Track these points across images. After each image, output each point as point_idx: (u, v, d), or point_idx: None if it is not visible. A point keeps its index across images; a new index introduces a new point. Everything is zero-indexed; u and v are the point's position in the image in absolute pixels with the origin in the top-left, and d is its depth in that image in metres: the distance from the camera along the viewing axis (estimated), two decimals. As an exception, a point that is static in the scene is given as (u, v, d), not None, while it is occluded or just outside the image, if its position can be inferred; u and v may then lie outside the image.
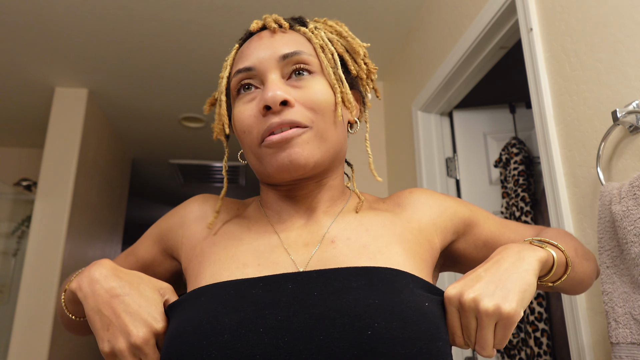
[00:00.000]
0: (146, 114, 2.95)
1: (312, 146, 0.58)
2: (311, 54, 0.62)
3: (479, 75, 1.68)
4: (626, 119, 0.87)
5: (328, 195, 0.65)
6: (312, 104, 0.59)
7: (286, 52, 0.60)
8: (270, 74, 0.60)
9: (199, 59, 2.34)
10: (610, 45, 0.94)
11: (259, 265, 0.58)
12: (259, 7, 1.93)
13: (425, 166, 1.88)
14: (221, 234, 0.65)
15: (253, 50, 0.62)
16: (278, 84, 0.58)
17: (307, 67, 0.61)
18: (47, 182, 2.44)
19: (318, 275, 0.54)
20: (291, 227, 0.63)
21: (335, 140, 0.61)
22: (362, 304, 0.50)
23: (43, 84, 2.55)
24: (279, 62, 0.60)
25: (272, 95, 0.56)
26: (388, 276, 0.54)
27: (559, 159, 1.08)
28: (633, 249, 0.77)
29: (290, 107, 0.58)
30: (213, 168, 3.97)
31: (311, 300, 0.51)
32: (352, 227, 0.62)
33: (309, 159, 0.58)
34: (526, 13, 1.20)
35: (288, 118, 0.57)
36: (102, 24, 2.05)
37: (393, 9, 1.96)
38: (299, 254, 0.59)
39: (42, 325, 2.26)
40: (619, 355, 0.79)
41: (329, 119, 0.60)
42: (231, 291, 0.54)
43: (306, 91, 0.59)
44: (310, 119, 0.58)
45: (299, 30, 0.64)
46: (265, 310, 0.51)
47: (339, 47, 0.66)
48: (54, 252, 2.35)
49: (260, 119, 0.58)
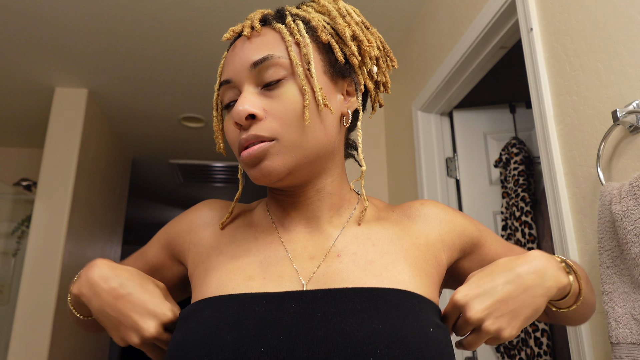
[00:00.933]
0: (146, 114, 2.95)
1: (282, 156, 0.57)
2: (281, 55, 0.58)
3: (479, 75, 1.68)
4: (626, 119, 0.87)
5: (329, 202, 0.64)
6: (281, 114, 0.57)
7: (256, 59, 0.58)
8: (245, 85, 0.58)
9: (199, 59, 2.34)
10: (610, 45, 0.94)
11: (264, 279, 0.57)
12: (259, 7, 1.93)
13: (425, 166, 1.88)
14: (228, 242, 0.64)
15: (230, 60, 0.61)
16: (247, 96, 0.57)
17: (278, 74, 0.58)
18: (47, 182, 2.44)
19: (323, 295, 0.54)
20: (296, 237, 0.62)
21: (314, 143, 0.58)
22: (366, 328, 0.50)
23: (43, 84, 2.55)
24: (251, 71, 0.58)
25: (236, 112, 0.56)
26: (394, 299, 0.53)
27: (559, 159, 1.08)
28: (633, 249, 0.77)
29: (258, 121, 0.57)
30: (213, 168, 3.97)
31: (314, 321, 0.51)
32: (358, 242, 0.61)
33: (280, 168, 0.57)
34: (526, 13, 1.20)
35: (252, 134, 0.56)
36: (102, 24, 2.05)
37: (393, 9, 1.96)
38: (304, 267, 0.58)
39: (42, 325, 2.26)
40: (619, 355, 0.79)
41: (302, 124, 0.57)
42: (234, 306, 0.53)
43: (277, 101, 0.57)
44: (276, 130, 0.56)
45: (275, 28, 0.60)
46: (268, 329, 0.51)
47: (324, 34, 0.61)
48: (54, 252, 2.35)
49: (237, 133, 0.59)
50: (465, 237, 0.66)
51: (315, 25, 0.61)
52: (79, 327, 0.69)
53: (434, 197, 1.86)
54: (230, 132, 0.60)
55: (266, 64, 0.57)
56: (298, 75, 0.57)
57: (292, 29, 0.60)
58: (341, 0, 0.65)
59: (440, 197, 1.86)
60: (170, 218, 5.82)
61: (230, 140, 0.61)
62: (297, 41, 0.59)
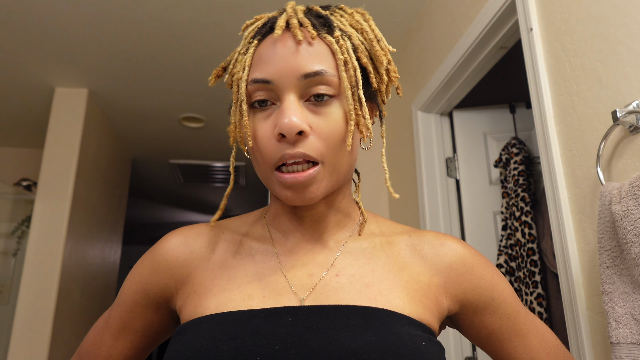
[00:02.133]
0: (146, 114, 2.95)
1: (325, 182, 0.56)
2: (333, 73, 0.56)
3: (479, 75, 1.68)
4: (626, 119, 0.87)
5: (335, 219, 0.63)
6: (327, 135, 0.55)
7: (309, 70, 0.55)
8: (289, 93, 0.55)
9: (199, 59, 2.34)
10: (610, 45, 0.94)
11: (264, 297, 0.57)
12: (259, 6, 1.93)
13: (425, 166, 1.88)
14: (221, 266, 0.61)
15: (273, 60, 0.56)
16: (296, 108, 0.54)
17: (328, 92, 0.55)
18: (47, 182, 2.44)
19: (318, 310, 0.54)
20: (297, 253, 0.62)
21: (347, 168, 0.59)
22: (360, 340, 0.50)
23: (43, 84, 2.55)
24: (299, 81, 0.55)
25: (288, 124, 0.52)
26: (386, 317, 0.54)
27: (559, 159, 1.08)
28: (633, 249, 0.77)
29: (305, 137, 0.54)
30: (213, 168, 3.97)
31: (309, 333, 0.52)
32: (358, 264, 0.60)
33: (321, 194, 0.56)
34: (526, 13, 1.20)
35: (301, 151, 0.54)
36: (102, 24, 2.05)
37: (393, 9, 1.96)
38: (302, 284, 0.58)
39: (42, 325, 2.26)
40: (619, 355, 0.79)
41: (343, 149, 0.56)
42: (232, 320, 0.54)
43: (323, 120, 0.55)
44: (321, 152, 0.55)
45: (325, 39, 0.57)
46: (264, 339, 0.51)
47: (363, 56, 0.59)
48: (54, 252, 2.35)
49: (274, 143, 0.55)
50: (472, 297, 0.62)
51: (357, 45, 0.59)
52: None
53: (433, 197, 1.86)
54: (265, 139, 0.56)
55: (319, 78, 0.55)
56: (347, 98, 0.56)
57: (341, 46, 0.57)
58: (372, 19, 0.63)
59: (440, 197, 1.86)
60: (170, 218, 5.82)
61: (262, 147, 0.56)
62: (346, 60, 0.57)
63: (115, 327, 0.66)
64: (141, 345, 0.67)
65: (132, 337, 0.65)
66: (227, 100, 2.75)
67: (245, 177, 4.16)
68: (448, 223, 1.84)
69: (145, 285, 0.64)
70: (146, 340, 0.67)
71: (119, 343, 0.65)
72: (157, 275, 0.63)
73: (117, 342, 0.65)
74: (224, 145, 3.41)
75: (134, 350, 0.67)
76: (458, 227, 1.85)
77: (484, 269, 0.63)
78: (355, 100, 0.57)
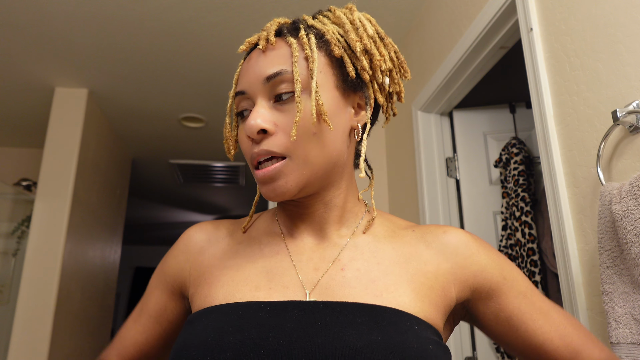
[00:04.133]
0: (146, 114, 2.95)
1: (295, 174, 0.58)
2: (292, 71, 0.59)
3: (479, 75, 1.68)
4: (626, 119, 0.87)
5: (336, 214, 0.64)
6: (290, 129, 0.58)
7: (269, 73, 0.59)
8: (258, 98, 0.60)
9: (199, 59, 2.34)
10: (610, 45, 0.94)
11: (270, 289, 0.58)
12: (259, 7, 1.93)
13: (425, 166, 1.88)
14: (231, 257, 0.64)
15: (244, 72, 0.62)
16: (260, 111, 0.58)
17: (288, 89, 0.58)
18: (47, 182, 2.44)
19: (324, 306, 0.55)
20: (303, 247, 0.63)
21: (323, 158, 0.59)
22: (365, 339, 0.51)
23: (43, 84, 2.55)
24: (264, 85, 0.59)
25: (249, 126, 0.57)
26: (393, 317, 0.54)
27: (559, 159, 1.08)
28: (633, 249, 0.77)
29: (269, 135, 0.58)
30: (213, 168, 3.97)
31: (315, 329, 0.52)
32: (364, 258, 0.61)
33: (292, 187, 0.58)
34: (526, 13, 1.20)
35: (264, 149, 0.58)
36: (102, 24, 2.05)
37: (393, 9, 1.96)
38: (308, 277, 0.59)
39: (42, 325, 2.26)
40: (619, 355, 0.79)
41: (312, 142, 0.58)
42: (239, 312, 0.55)
43: (288, 116, 0.58)
44: (286, 146, 0.57)
45: (287, 41, 0.61)
46: (269, 333, 0.52)
47: (337, 48, 0.61)
48: (54, 252, 2.35)
49: (249, 145, 0.60)
50: (482, 279, 0.61)
51: (329, 38, 0.61)
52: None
53: (433, 197, 1.86)
54: (243, 143, 0.61)
55: (279, 78, 0.58)
56: (296, 91, 0.58)
57: (303, 43, 0.60)
58: (357, 11, 0.65)
59: (440, 197, 1.86)
60: (170, 218, 5.82)
61: (244, 151, 0.62)
62: (306, 56, 0.59)
63: (136, 311, 0.72)
64: (153, 333, 0.70)
65: (146, 321, 0.70)
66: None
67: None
68: (448, 223, 1.84)
69: (165, 267, 0.70)
70: (158, 329, 0.69)
71: (136, 326, 0.70)
72: (175, 259, 0.69)
73: (135, 325, 0.71)
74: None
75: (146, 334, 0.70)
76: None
77: (489, 250, 0.64)
78: (305, 91, 0.58)
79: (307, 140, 0.58)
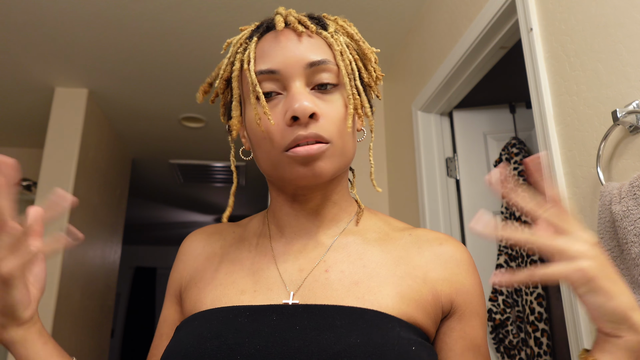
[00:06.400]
0: (146, 114, 2.95)
1: (333, 160, 0.58)
2: (333, 62, 0.60)
3: (479, 75, 1.68)
4: (626, 119, 0.87)
5: (332, 212, 0.65)
6: (333, 119, 0.58)
7: (314, 59, 0.58)
8: (295, 81, 0.58)
9: (199, 59, 2.34)
10: (610, 45, 0.94)
11: (255, 292, 0.59)
12: (259, 7, 1.93)
13: (425, 166, 1.88)
14: (221, 260, 0.65)
15: (279, 51, 0.59)
16: (305, 94, 0.57)
17: (331, 80, 0.59)
18: (47, 182, 2.44)
19: (303, 310, 0.55)
20: (291, 248, 0.63)
21: (352, 152, 0.61)
22: (343, 342, 0.50)
23: (43, 84, 2.55)
24: (305, 70, 0.58)
25: (301, 107, 0.55)
26: (374, 319, 0.53)
27: (559, 159, 1.08)
28: (633, 249, 0.77)
29: (316, 121, 0.57)
30: (213, 168, 3.97)
31: (292, 333, 0.52)
32: (350, 260, 0.60)
33: (330, 171, 0.58)
34: (526, 13, 1.20)
35: (314, 132, 0.56)
36: (102, 24, 2.05)
37: (393, 9, 1.96)
38: (292, 279, 0.59)
39: (42, 325, 2.26)
40: (619, 355, 0.79)
41: (348, 133, 0.60)
42: (220, 317, 0.56)
43: (330, 105, 0.58)
44: (331, 134, 0.57)
45: (321, 34, 0.61)
46: (246, 338, 0.52)
47: (354, 53, 0.64)
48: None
49: (285, 129, 0.56)
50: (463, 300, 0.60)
51: (347, 43, 0.64)
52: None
53: (433, 197, 1.86)
54: (275, 125, 0.57)
55: (322, 67, 0.59)
56: (346, 85, 0.59)
57: (336, 40, 0.61)
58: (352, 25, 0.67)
59: (440, 197, 1.86)
60: (170, 218, 5.82)
61: (271, 133, 0.57)
62: (342, 52, 0.61)
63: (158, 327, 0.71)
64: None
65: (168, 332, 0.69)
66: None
67: (245, 177, 4.16)
68: (448, 223, 1.84)
69: (170, 279, 0.71)
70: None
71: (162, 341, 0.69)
72: (176, 269, 0.70)
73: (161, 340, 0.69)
74: (224, 145, 3.41)
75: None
76: (458, 227, 1.85)
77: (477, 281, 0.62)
78: (352, 87, 0.60)
79: (345, 132, 0.59)
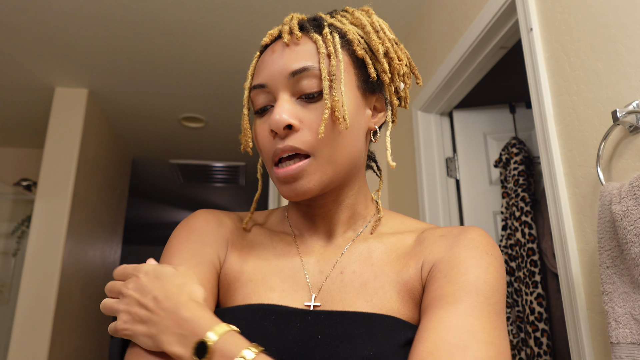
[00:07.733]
0: (146, 114, 2.95)
1: (318, 174, 0.57)
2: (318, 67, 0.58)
3: (479, 75, 1.68)
4: (626, 119, 0.87)
5: (346, 215, 0.64)
6: (317, 127, 0.56)
7: (294, 68, 0.58)
8: (281, 93, 0.58)
9: (199, 59, 2.34)
10: (610, 45, 0.94)
11: (283, 291, 0.59)
12: (259, 6, 1.93)
13: (425, 166, 1.88)
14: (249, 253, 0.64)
15: (266, 65, 0.60)
16: (285, 105, 0.57)
17: (315, 86, 0.57)
18: (47, 182, 2.44)
19: (325, 317, 0.55)
20: (312, 249, 0.64)
21: (346, 160, 0.59)
22: (358, 355, 0.51)
23: (43, 84, 2.55)
24: (288, 80, 0.58)
25: (275, 120, 0.56)
26: (389, 327, 0.53)
27: (559, 159, 1.08)
28: (633, 249, 0.77)
29: (295, 131, 0.56)
30: (213, 168, 3.97)
31: (314, 343, 0.53)
32: (361, 259, 0.61)
33: (315, 187, 0.57)
34: (526, 13, 1.20)
35: (289, 145, 0.56)
36: (102, 23, 2.05)
37: (393, 9, 1.96)
38: (314, 281, 0.60)
39: (42, 325, 2.26)
40: (619, 355, 0.79)
41: (340, 140, 0.57)
42: (248, 318, 0.55)
43: (314, 113, 0.57)
44: (312, 144, 0.56)
45: (312, 38, 0.60)
46: (272, 347, 0.52)
47: (360, 48, 0.61)
48: (54, 252, 2.35)
49: (271, 141, 0.58)
50: (439, 265, 0.56)
51: (351, 38, 0.61)
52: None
53: (433, 197, 1.86)
54: (264, 138, 0.59)
55: (305, 74, 0.58)
56: (324, 88, 0.57)
57: (327, 41, 0.59)
58: (374, 14, 0.65)
59: (440, 197, 1.86)
60: (170, 218, 5.81)
61: (262, 146, 0.60)
62: (330, 53, 0.59)
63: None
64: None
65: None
66: (227, 100, 2.75)
67: (245, 177, 4.16)
68: (448, 223, 1.84)
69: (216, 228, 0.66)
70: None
71: None
72: (217, 231, 0.65)
73: None
74: (224, 145, 3.41)
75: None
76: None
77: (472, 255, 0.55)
78: (332, 89, 0.57)
79: (332, 139, 0.57)
